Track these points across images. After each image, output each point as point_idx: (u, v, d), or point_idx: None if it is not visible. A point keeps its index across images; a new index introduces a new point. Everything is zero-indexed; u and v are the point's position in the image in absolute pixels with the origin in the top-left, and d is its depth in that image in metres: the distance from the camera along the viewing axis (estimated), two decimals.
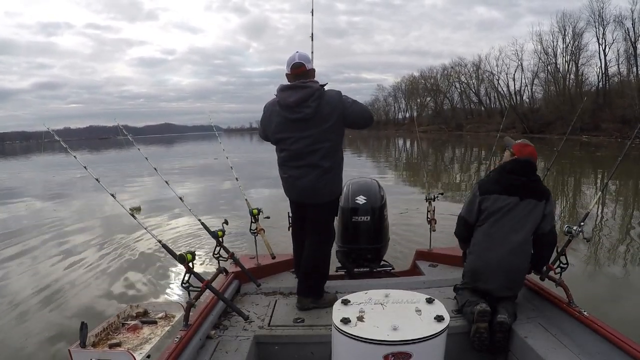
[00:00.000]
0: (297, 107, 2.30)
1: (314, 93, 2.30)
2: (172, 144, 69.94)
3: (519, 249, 2.26)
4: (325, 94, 2.35)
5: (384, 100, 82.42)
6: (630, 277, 4.67)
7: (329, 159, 2.38)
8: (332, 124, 2.34)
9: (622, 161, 2.48)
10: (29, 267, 5.49)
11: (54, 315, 3.98)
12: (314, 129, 2.32)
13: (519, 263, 2.28)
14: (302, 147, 2.35)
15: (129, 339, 2.24)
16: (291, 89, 2.35)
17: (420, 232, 4.85)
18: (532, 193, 2.29)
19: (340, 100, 2.37)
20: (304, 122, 2.32)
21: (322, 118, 2.31)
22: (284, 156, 2.46)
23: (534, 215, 2.27)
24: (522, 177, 2.31)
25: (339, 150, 2.47)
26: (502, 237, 2.28)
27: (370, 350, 1.53)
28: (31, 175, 19.03)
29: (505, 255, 2.25)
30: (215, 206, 8.71)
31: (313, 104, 2.29)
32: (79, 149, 46.42)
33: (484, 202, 2.34)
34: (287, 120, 2.36)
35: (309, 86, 2.32)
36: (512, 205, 2.28)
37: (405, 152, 26.70)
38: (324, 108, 2.32)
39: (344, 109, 2.36)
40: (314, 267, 2.56)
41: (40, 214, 9.19)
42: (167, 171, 16.54)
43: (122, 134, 3.33)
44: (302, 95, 2.29)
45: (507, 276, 2.27)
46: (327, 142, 2.35)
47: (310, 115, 2.30)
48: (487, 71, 49.93)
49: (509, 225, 2.27)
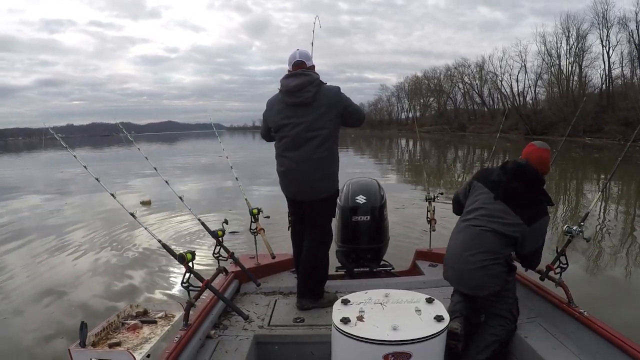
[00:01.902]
0: (298, 92, 2.42)
1: (314, 81, 2.44)
2: (175, 141, 70.04)
3: (476, 247, 2.09)
4: (324, 86, 2.48)
5: (387, 100, 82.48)
6: (631, 278, 4.65)
7: (325, 149, 2.44)
8: (329, 111, 2.44)
9: (626, 165, 2.47)
10: (28, 265, 5.50)
11: (53, 314, 3.98)
12: (311, 115, 2.42)
13: (475, 260, 2.07)
14: (300, 131, 2.43)
15: (129, 339, 2.24)
16: (293, 75, 2.47)
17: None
18: (514, 200, 2.08)
19: (339, 94, 2.49)
20: (303, 107, 2.43)
21: (320, 104, 2.42)
22: (283, 144, 2.52)
23: (506, 223, 2.06)
24: (511, 178, 2.11)
25: (335, 143, 2.54)
26: (464, 233, 2.15)
27: (370, 350, 1.52)
28: (37, 172, 19.05)
29: (461, 251, 2.12)
30: (216, 205, 8.71)
31: (313, 89, 2.41)
32: (81, 146, 46.63)
33: (473, 188, 2.26)
34: (288, 105, 2.48)
35: (310, 74, 2.46)
36: (485, 201, 2.13)
37: (408, 153, 26.68)
38: (322, 96, 2.44)
39: (343, 103, 2.48)
40: (313, 269, 2.56)
41: (43, 211, 9.20)
42: (169, 169, 16.65)
43: (122, 134, 3.34)
44: (303, 81, 2.42)
45: (466, 274, 2.11)
46: (324, 130, 2.42)
47: (309, 99, 2.41)
48: (491, 72, 49.97)
49: (476, 222, 2.12)
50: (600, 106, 31.92)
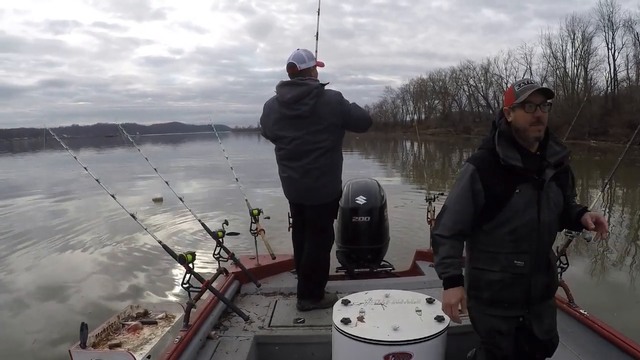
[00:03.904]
0: (295, 104, 2.30)
1: (312, 91, 2.29)
2: (179, 143, 70.29)
3: None
4: (324, 94, 2.34)
5: (392, 102, 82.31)
6: (636, 282, 4.61)
7: (326, 161, 2.37)
8: (328, 124, 2.33)
9: (629, 168, 2.45)
10: (29, 266, 5.52)
11: (53, 314, 3.99)
12: (310, 128, 2.32)
13: None
14: (298, 146, 2.35)
15: (129, 340, 2.23)
16: (289, 85, 2.36)
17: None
18: None
19: (340, 102, 2.36)
20: (301, 120, 2.32)
21: (318, 117, 2.31)
22: (282, 155, 2.46)
23: None
24: None
25: (337, 152, 2.46)
26: None
27: (370, 351, 1.52)
28: (43, 172, 19.14)
29: None
30: (217, 206, 8.72)
31: (310, 102, 2.28)
32: (86, 146, 46.77)
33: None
34: (285, 117, 2.37)
35: (307, 84, 2.31)
36: None
37: (413, 155, 26.66)
38: (322, 108, 2.30)
39: (345, 111, 2.36)
40: (313, 270, 2.55)
41: (44, 212, 9.23)
42: (172, 169, 16.71)
43: (123, 135, 3.37)
44: (299, 92, 2.28)
45: None
46: (323, 143, 2.33)
47: (307, 113, 2.29)
48: (496, 74, 49.93)
49: None
50: (606, 109, 31.75)
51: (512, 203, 1.44)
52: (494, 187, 1.45)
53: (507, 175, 1.44)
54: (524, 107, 1.42)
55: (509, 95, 1.49)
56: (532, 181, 1.45)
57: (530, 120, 1.42)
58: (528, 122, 1.43)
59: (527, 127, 1.44)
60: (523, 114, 1.43)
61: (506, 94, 1.55)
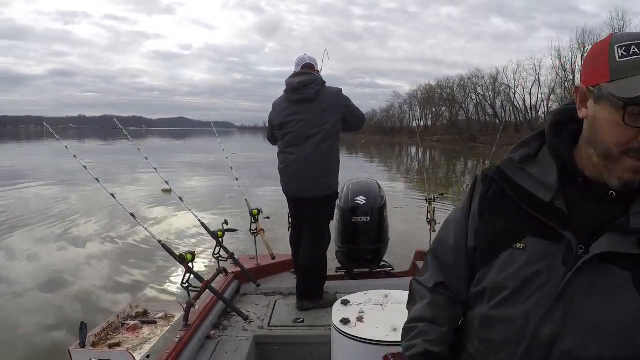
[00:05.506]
0: (302, 89, 2.52)
1: (317, 79, 2.55)
2: (185, 138, 69.92)
3: None
4: (326, 87, 2.58)
5: (399, 107, 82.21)
6: None
7: (327, 146, 2.50)
8: (331, 109, 2.53)
9: None
10: (27, 263, 5.49)
11: (53, 314, 3.97)
12: (314, 111, 2.51)
13: None
14: (303, 127, 2.51)
15: (129, 339, 2.24)
16: (299, 74, 2.59)
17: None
18: None
19: (340, 95, 2.57)
20: (307, 104, 2.51)
21: (322, 101, 2.52)
22: (286, 141, 2.59)
23: None
24: None
25: (336, 142, 2.59)
26: None
27: (369, 351, 1.52)
28: (54, 161, 18.98)
29: None
30: (217, 206, 8.71)
31: (316, 87, 2.52)
32: (91, 137, 46.31)
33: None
34: (291, 102, 2.57)
35: (313, 74, 2.59)
36: None
37: (418, 161, 26.66)
38: (325, 95, 2.53)
39: (344, 103, 2.57)
40: (311, 270, 2.57)
41: (41, 206, 9.14)
42: (176, 165, 16.67)
43: (122, 133, 3.37)
44: (307, 78, 2.53)
45: None
46: (326, 125, 2.50)
47: (312, 96, 2.50)
48: (504, 84, 49.90)
49: None
50: None
51: (501, 265, 0.74)
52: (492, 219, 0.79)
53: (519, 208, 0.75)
54: (625, 109, 0.62)
55: (597, 63, 0.69)
56: (564, 244, 0.68)
57: (629, 138, 0.64)
58: (625, 141, 0.64)
59: (615, 152, 0.66)
60: (618, 121, 0.63)
61: (588, 57, 0.73)
